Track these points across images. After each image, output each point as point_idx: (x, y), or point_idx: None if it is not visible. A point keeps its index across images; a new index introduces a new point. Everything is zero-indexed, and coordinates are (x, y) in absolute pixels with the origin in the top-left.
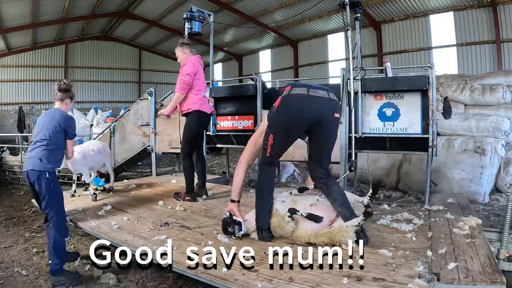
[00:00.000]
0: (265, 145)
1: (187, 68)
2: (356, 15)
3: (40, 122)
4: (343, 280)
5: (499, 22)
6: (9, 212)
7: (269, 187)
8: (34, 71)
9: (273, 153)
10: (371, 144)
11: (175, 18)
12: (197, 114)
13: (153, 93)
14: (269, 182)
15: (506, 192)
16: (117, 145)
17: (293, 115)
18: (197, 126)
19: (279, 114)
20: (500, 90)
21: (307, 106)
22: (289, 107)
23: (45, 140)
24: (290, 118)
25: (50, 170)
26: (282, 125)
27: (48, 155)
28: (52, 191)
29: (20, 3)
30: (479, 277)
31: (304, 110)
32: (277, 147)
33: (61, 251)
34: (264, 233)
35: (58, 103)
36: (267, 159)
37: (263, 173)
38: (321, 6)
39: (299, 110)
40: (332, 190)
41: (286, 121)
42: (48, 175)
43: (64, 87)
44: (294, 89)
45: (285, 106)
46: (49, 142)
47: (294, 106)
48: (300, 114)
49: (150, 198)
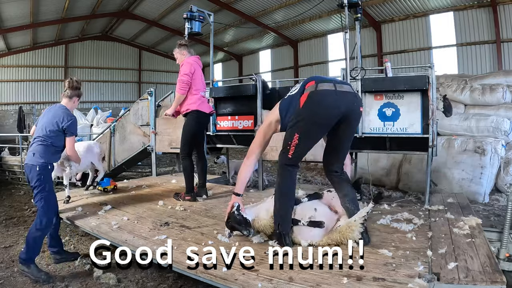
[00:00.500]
0: (287, 145)
1: (185, 68)
2: (356, 15)
3: (42, 118)
4: (343, 280)
5: (499, 22)
6: (9, 212)
7: (292, 191)
8: (34, 71)
9: (297, 154)
10: (371, 144)
11: (175, 18)
12: (196, 114)
13: (153, 93)
14: (292, 185)
15: (506, 192)
16: (117, 145)
17: (323, 111)
18: (195, 126)
19: (306, 111)
20: (500, 90)
21: (336, 102)
22: (318, 104)
23: (42, 137)
24: (319, 115)
25: (42, 165)
26: (310, 123)
27: (42, 150)
28: (41, 184)
29: (20, 3)
30: (479, 277)
31: (334, 106)
32: (302, 147)
33: (34, 244)
34: (287, 238)
35: (66, 100)
36: (290, 160)
37: (285, 176)
38: (321, 6)
39: (329, 107)
40: (345, 185)
41: (315, 119)
42: (38, 169)
43: (76, 85)
44: (321, 85)
45: (313, 102)
46: (45, 138)
47: (324, 103)
48: (330, 110)
49: (150, 198)
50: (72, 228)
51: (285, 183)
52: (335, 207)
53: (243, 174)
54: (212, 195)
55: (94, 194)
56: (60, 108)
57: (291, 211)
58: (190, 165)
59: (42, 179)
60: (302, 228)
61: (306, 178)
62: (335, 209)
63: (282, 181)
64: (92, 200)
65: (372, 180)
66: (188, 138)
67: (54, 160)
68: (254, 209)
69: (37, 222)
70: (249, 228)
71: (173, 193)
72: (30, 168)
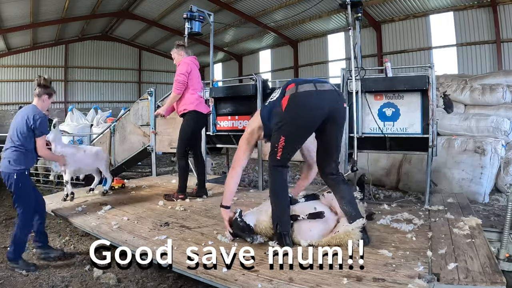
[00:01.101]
0: (275, 147)
1: (181, 68)
2: (357, 15)
3: (14, 119)
4: (343, 280)
5: (499, 22)
6: (9, 212)
7: (286, 190)
8: (34, 71)
9: (285, 156)
10: (371, 144)
11: (175, 18)
12: (194, 114)
13: (153, 93)
14: (285, 185)
15: (506, 192)
16: (117, 145)
17: (306, 113)
18: (193, 126)
19: (289, 114)
20: (500, 90)
21: (319, 102)
22: (300, 106)
23: (15, 142)
24: (303, 117)
25: (18, 172)
26: (294, 126)
27: (17, 156)
28: (20, 191)
29: (20, 3)
30: (479, 277)
31: (317, 107)
32: (289, 148)
33: (19, 245)
34: (287, 238)
35: (36, 99)
36: (278, 162)
37: (276, 177)
38: (321, 6)
39: (312, 108)
40: (342, 187)
41: (299, 121)
42: (16, 176)
43: (44, 82)
44: (301, 86)
45: (295, 105)
46: (19, 143)
47: (306, 104)
48: (313, 111)
49: (150, 198)
50: (72, 228)
51: (277, 183)
52: (335, 208)
53: (231, 185)
54: (212, 195)
55: (94, 194)
56: (30, 108)
57: (288, 210)
58: (186, 165)
59: (20, 186)
60: (302, 227)
61: None
62: (335, 210)
63: (274, 182)
64: (92, 200)
65: (372, 180)
66: (186, 138)
67: (30, 164)
68: (255, 214)
69: (19, 225)
70: (252, 235)
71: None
72: (7, 176)
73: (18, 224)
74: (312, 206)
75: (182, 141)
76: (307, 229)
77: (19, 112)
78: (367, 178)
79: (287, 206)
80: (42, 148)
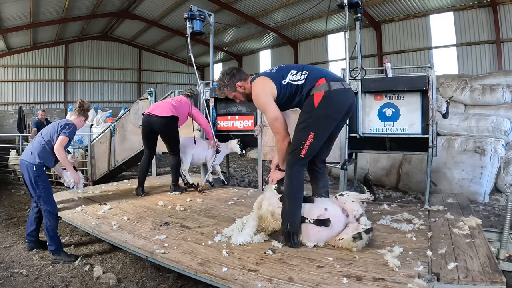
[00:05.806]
0: (300, 145)
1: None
2: (357, 15)
3: (49, 125)
4: (343, 280)
5: (499, 22)
6: (9, 212)
7: (302, 190)
8: (34, 71)
9: (310, 153)
10: (371, 144)
11: (175, 18)
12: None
13: (153, 93)
14: (302, 185)
15: (506, 192)
16: (117, 145)
17: (337, 111)
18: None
19: (323, 111)
20: (500, 90)
21: (346, 101)
22: (334, 104)
23: (44, 137)
24: (334, 115)
25: (38, 165)
26: (325, 123)
27: (40, 150)
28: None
29: (20, 3)
30: (479, 277)
31: (344, 106)
32: (315, 145)
33: (54, 235)
34: (295, 238)
35: (74, 117)
36: (302, 160)
37: (295, 176)
38: (321, 6)
39: (341, 106)
40: (323, 179)
41: (330, 119)
42: (35, 168)
43: (86, 107)
44: (332, 84)
45: (330, 102)
46: (48, 139)
47: (338, 102)
48: (342, 109)
49: (150, 198)
50: (72, 228)
51: (294, 183)
52: (347, 211)
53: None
54: (212, 195)
55: (94, 194)
56: (67, 120)
57: (300, 212)
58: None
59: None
60: (309, 228)
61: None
62: (347, 213)
63: (293, 181)
64: (92, 200)
65: (372, 180)
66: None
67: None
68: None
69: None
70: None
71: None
72: (26, 167)
73: (45, 214)
74: (322, 207)
75: (177, 140)
76: (314, 231)
77: (56, 121)
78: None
79: (301, 206)
80: (59, 146)
